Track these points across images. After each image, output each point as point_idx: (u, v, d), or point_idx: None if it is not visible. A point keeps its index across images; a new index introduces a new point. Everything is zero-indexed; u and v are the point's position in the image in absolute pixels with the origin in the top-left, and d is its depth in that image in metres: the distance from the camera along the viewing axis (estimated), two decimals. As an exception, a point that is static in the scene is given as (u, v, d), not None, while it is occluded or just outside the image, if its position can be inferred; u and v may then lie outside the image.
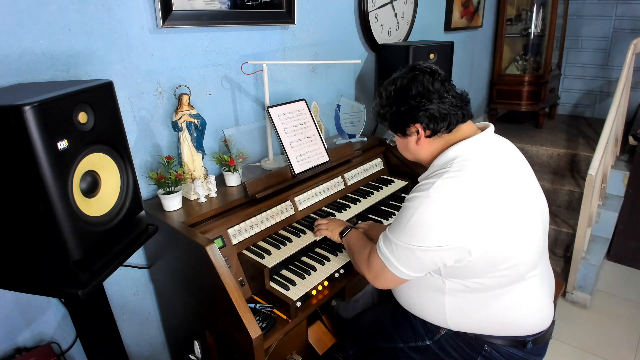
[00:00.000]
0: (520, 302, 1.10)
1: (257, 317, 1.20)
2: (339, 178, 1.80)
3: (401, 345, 1.26)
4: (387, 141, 1.26)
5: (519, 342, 1.13)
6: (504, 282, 1.07)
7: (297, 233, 1.50)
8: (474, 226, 0.98)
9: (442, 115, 1.06)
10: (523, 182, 1.10)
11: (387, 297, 1.42)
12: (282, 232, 1.52)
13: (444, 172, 1.03)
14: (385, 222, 1.67)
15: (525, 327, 1.13)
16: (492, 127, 1.14)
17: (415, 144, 1.13)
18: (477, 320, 1.12)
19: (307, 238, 1.47)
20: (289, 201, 1.59)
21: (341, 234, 1.40)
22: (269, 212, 1.51)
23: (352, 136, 2.04)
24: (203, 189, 1.45)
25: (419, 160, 1.18)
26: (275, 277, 1.37)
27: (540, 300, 1.15)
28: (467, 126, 1.11)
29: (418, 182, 1.10)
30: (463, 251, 0.99)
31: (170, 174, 1.38)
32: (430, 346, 1.20)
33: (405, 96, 1.08)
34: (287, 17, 1.77)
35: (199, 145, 1.47)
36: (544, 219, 1.14)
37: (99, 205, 0.95)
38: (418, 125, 1.09)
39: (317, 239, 1.47)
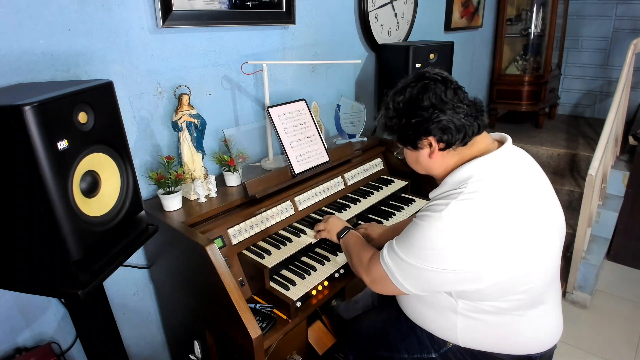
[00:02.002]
0: (534, 324, 1.08)
1: (257, 317, 1.20)
2: (339, 178, 1.80)
3: (405, 356, 1.23)
4: (395, 154, 1.19)
5: (527, 359, 1.12)
6: (518, 306, 1.04)
7: (297, 233, 1.50)
8: (486, 253, 0.94)
9: (456, 126, 0.98)
10: (541, 201, 1.04)
11: (387, 300, 1.41)
12: (282, 232, 1.52)
13: (457, 193, 0.97)
14: (385, 222, 1.67)
15: (536, 346, 1.11)
16: (509, 140, 1.07)
17: (428, 158, 1.05)
18: (489, 340, 1.09)
19: (307, 238, 1.48)
20: (289, 201, 1.59)
21: (339, 235, 1.39)
22: (269, 212, 1.51)
23: (352, 136, 2.04)
24: (203, 189, 1.45)
25: (430, 174, 1.12)
26: (275, 277, 1.37)
27: (553, 320, 1.13)
28: (482, 139, 1.05)
29: (429, 199, 1.06)
30: (473, 277, 0.96)
31: (170, 174, 1.38)
32: (436, 359, 1.18)
33: (416, 107, 1.00)
34: (287, 17, 1.77)
35: (199, 145, 1.47)
36: (561, 236, 1.09)
37: (99, 205, 0.95)
38: (431, 138, 1.01)
39: (313, 241, 1.47)
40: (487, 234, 0.94)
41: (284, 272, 1.40)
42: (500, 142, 1.08)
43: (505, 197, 0.97)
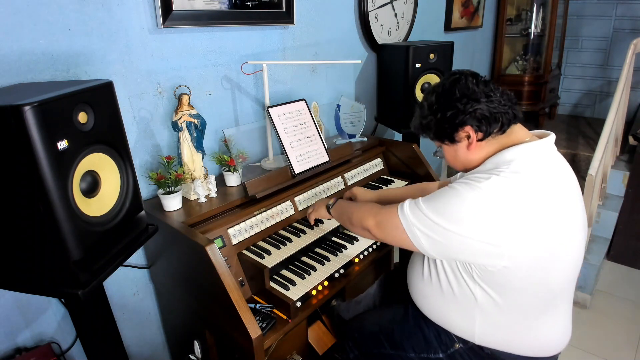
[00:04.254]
0: (550, 327, 1.08)
1: (257, 317, 1.20)
2: (339, 178, 1.80)
3: (412, 355, 1.22)
4: (433, 154, 1.20)
5: None
6: (538, 304, 1.04)
7: (297, 233, 1.50)
8: (513, 231, 0.95)
9: (492, 115, 1.00)
10: (572, 204, 1.05)
11: (390, 301, 1.40)
12: (282, 232, 1.52)
13: (500, 171, 0.98)
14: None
15: (548, 349, 1.11)
16: (553, 136, 1.08)
17: (466, 150, 1.06)
18: (505, 338, 1.09)
19: (307, 238, 1.47)
20: (289, 201, 1.59)
21: (328, 207, 1.39)
22: (269, 212, 1.51)
23: (352, 136, 2.05)
24: (203, 189, 1.45)
25: (469, 168, 1.11)
26: (275, 277, 1.36)
27: (567, 324, 1.13)
28: (519, 129, 1.06)
29: (464, 175, 1.06)
30: (494, 251, 0.96)
31: (170, 174, 1.38)
32: (443, 359, 1.17)
33: (449, 100, 1.03)
34: (286, 17, 1.77)
35: (199, 145, 1.47)
36: (583, 244, 1.09)
37: (99, 205, 0.95)
38: (468, 129, 1.03)
39: (313, 239, 1.47)
40: (519, 213, 0.95)
41: (284, 272, 1.40)
42: (541, 138, 1.08)
43: (542, 186, 0.98)
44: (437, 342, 1.18)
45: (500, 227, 0.95)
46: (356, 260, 1.47)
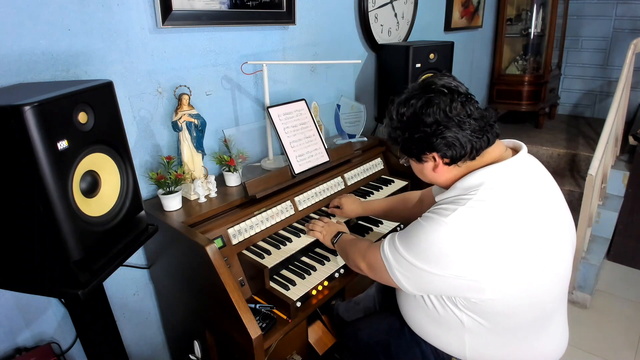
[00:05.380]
0: (545, 340, 1.07)
1: (257, 317, 1.20)
2: (339, 178, 1.80)
3: None
4: (401, 161, 1.17)
5: None
6: (530, 324, 1.02)
7: (297, 233, 1.50)
8: (488, 264, 0.92)
9: (461, 143, 0.95)
10: (552, 215, 1.01)
11: (390, 306, 1.39)
12: (282, 232, 1.52)
13: (466, 199, 0.94)
14: (385, 222, 1.67)
15: (546, 358, 1.10)
16: (525, 149, 1.05)
17: (432, 171, 1.04)
18: (498, 356, 1.07)
19: (307, 238, 1.48)
20: (289, 201, 1.59)
21: (332, 240, 1.39)
22: (269, 212, 1.51)
23: (352, 136, 2.04)
24: (203, 189, 1.45)
25: (435, 184, 1.10)
26: (275, 277, 1.37)
27: (563, 333, 1.12)
28: (494, 148, 1.01)
29: (436, 202, 1.03)
30: (474, 286, 0.94)
31: (170, 174, 1.38)
32: None
33: (418, 122, 0.97)
34: (287, 17, 1.77)
35: (199, 145, 1.47)
36: (572, 252, 1.07)
37: (99, 205, 0.95)
38: (435, 154, 0.99)
39: (313, 240, 1.47)
40: (491, 244, 0.92)
41: (284, 272, 1.40)
42: (514, 150, 1.05)
43: (514, 208, 0.95)
44: (434, 357, 1.16)
45: (473, 261, 0.92)
46: (356, 260, 1.47)
